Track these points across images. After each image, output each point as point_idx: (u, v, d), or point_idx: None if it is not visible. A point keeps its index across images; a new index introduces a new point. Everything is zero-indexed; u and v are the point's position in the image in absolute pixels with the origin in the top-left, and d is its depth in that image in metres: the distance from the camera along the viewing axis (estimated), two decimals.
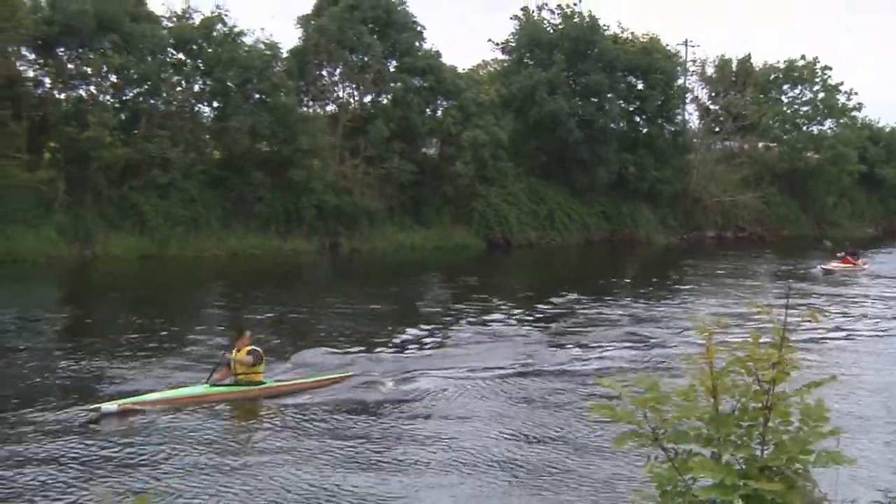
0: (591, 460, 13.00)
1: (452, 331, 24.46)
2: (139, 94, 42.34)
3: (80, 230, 39.69)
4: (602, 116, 52.67)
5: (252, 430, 15.34)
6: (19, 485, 12.15)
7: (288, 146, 43.74)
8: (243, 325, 18.58)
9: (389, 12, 48.49)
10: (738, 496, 2.79)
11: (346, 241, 45.64)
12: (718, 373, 2.97)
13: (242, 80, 43.38)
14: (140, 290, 34.30)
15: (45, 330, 25.43)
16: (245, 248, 42.51)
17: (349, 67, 47.96)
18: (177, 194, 42.03)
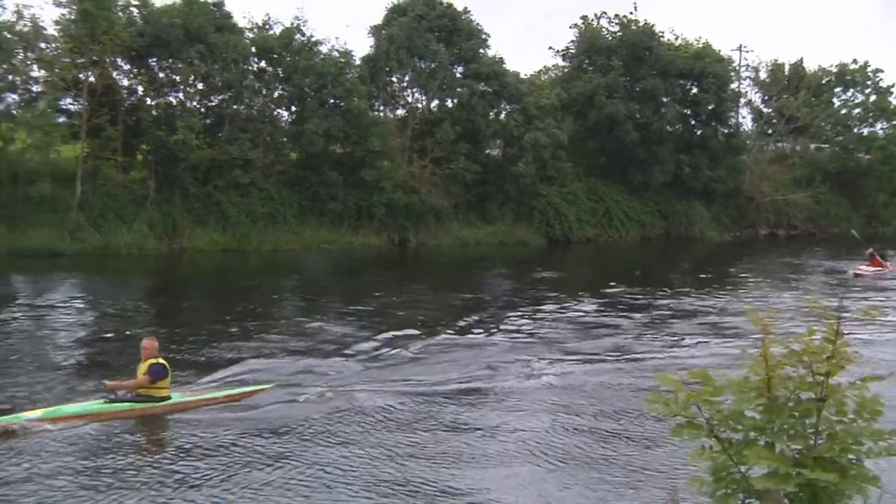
0: (648, 449, 12.81)
1: (514, 322, 24.19)
2: (223, 100, 43.08)
3: (168, 225, 40.46)
4: (658, 119, 52.30)
5: (149, 451, 13.26)
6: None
7: (360, 147, 43.99)
8: (152, 336, 15.85)
9: (455, 21, 48.55)
10: (792, 484, 2.75)
11: (413, 237, 45.83)
12: (773, 365, 2.91)
13: (318, 86, 43.71)
14: (222, 282, 34.81)
15: (137, 317, 25.92)
16: (319, 243, 42.87)
17: (418, 73, 48.21)
18: (257, 192, 42.66)
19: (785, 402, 2.90)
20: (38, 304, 27.73)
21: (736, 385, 2.95)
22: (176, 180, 40.79)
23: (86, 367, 19.11)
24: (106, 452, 12.47)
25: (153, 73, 42.08)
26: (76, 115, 40.57)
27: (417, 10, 47.89)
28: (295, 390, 16.30)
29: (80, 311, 26.96)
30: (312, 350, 20.18)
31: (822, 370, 2.86)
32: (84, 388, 16.16)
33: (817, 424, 2.85)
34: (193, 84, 42.41)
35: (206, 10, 42.12)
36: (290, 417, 14.73)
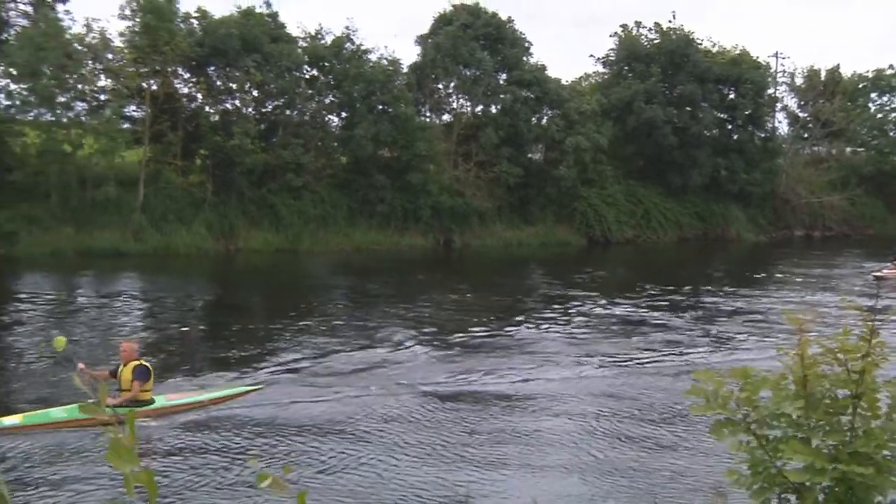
0: (690, 445, 12.79)
1: (557, 321, 24.23)
2: (277, 106, 43.53)
3: (225, 227, 40.93)
4: (695, 123, 52.08)
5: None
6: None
7: (407, 152, 44.34)
8: (131, 339, 15.24)
9: (499, 30, 48.73)
10: (828, 478, 2.71)
11: (458, 238, 46.07)
12: (809, 363, 2.88)
13: (367, 92, 43.94)
14: (276, 281, 35.27)
15: (196, 313, 26.77)
16: (367, 243, 43.16)
17: (462, 80, 48.42)
18: (308, 195, 43.07)
19: (821, 399, 2.86)
20: (104, 301, 28.37)
21: (773, 383, 2.91)
22: (232, 183, 41.26)
23: (147, 359, 19.72)
24: (84, 459, 11.79)
25: (211, 81, 42.56)
26: (139, 122, 41.08)
27: (463, 19, 48.18)
28: (318, 390, 16.11)
29: (142, 307, 27.53)
30: (357, 346, 20.28)
31: (858, 368, 2.82)
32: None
33: (853, 421, 2.81)
34: (249, 91, 42.80)
35: (262, 21, 42.72)
36: (309, 415, 14.62)
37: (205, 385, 16.08)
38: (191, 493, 10.85)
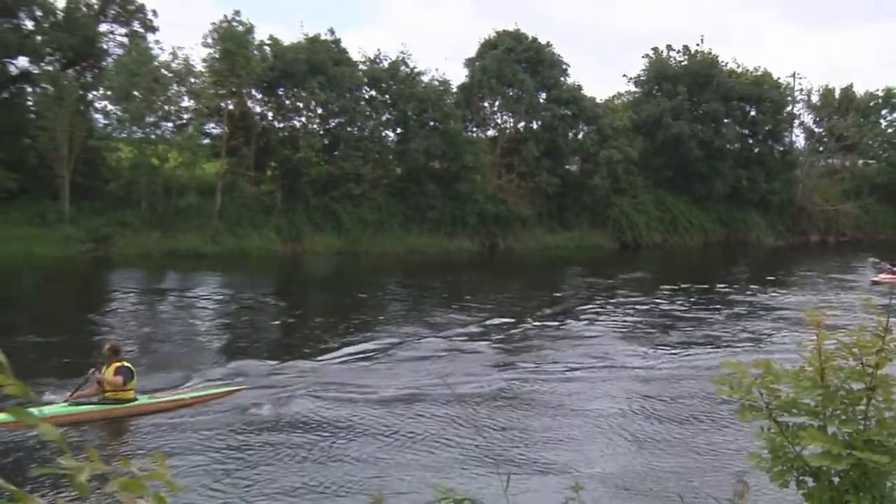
0: (716, 435, 12.69)
1: (594, 317, 24.09)
2: (339, 123, 43.64)
3: (292, 231, 41.23)
4: (719, 138, 51.76)
5: (114, 454, 11.45)
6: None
7: (455, 164, 44.49)
8: (115, 343, 14.19)
9: (539, 53, 48.68)
10: (844, 464, 2.66)
11: (502, 241, 46.04)
12: (827, 357, 2.84)
13: (420, 110, 44.27)
14: (337, 279, 35.48)
15: (267, 308, 27.09)
16: (419, 246, 43.33)
17: (506, 99, 48.39)
18: (367, 202, 43.31)
19: (837, 391, 2.82)
20: (185, 296, 28.78)
21: (793, 374, 2.88)
22: (299, 192, 41.59)
23: (224, 348, 19.79)
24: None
25: (281, 100, 42.97)
26: (217, 138, 41.69)
27: (507, 44, 48.24)
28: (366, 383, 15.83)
29: (219, 302, 27.88)
30: (413, 338, 20.24)
31: (872, 362, 2.78)
32: (220, 370, 16.66)
33: (867, 411, 2.77)
34: (314, 110, 43.16)
35: (327, 47, 43.09)
36: (371, 398, 14.57)
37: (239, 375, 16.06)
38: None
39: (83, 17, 40.82)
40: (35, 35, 39.99)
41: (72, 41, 39.94)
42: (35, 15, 40.27)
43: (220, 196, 40.42)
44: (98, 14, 41.82)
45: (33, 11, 40.23)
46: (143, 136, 39.92)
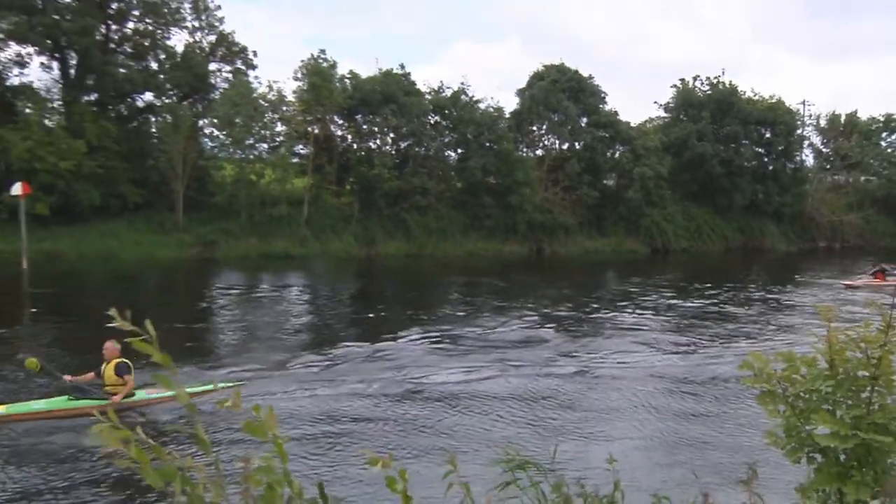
0: (732, 425, 12.32)
1: (628, 310, 23.79)
2: (408, 144, 43.78)
3: (367, 237, 41.53)
4: (738, 157, 50.95)
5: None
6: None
7: (508, 179, 44.33)
8: (113, 339, 12.62)
9: (581, 83, 48.25)
10: (850, 443, 2.64)
11: (547, 246, 45.72)
12: (836, 349, 2.80)
13: (477, 133, 44.17)
14: (408, 278, 35.55)
15: (347, 302, 27.19)
16: (476, 250, 43.26)
17: (552, 123, 48.04)
18: (432, 212, 43.39)
19: (845, 379, 2.78)
20: (278, 291, 29.33)
21: (808, 363, 2.86)
22: (373, 203, 41.83)
23: (311, 334, 20.01)
24: (71, 448, 10.28)
25: (359, 125, 43.27)
26: (305, 157, 42.11)
27: (552, 76, 47.96)
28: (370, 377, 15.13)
29: (306, 296, 28.47)
30: (473, 327, 19.94)
31: (876, 355, 2.75)
32: (310, 352, 16.65)
33: (871, 397, 2.74)
34: (387, 133, 43.34)
35: (398, 80, 43.29)
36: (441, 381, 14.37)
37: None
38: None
39: (197, 58, 41.82)
40: (158, 74, 41.09)
41: (187, 78, 40.91)
42: (159, 57, 41.41)
43: (307, 207, 40.89)
44: (208, 55, 42.80)
45: (158, 55, 41.39)
46: (243, 157, 40.75)
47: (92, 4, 38.84)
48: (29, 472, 9.76)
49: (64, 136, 36.54)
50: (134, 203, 38.44)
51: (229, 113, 39.02)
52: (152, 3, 40.42)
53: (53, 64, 39.67)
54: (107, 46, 40.17)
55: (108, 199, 37.58)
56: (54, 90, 39.69)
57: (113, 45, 40.67)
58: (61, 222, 35.82)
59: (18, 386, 13.51)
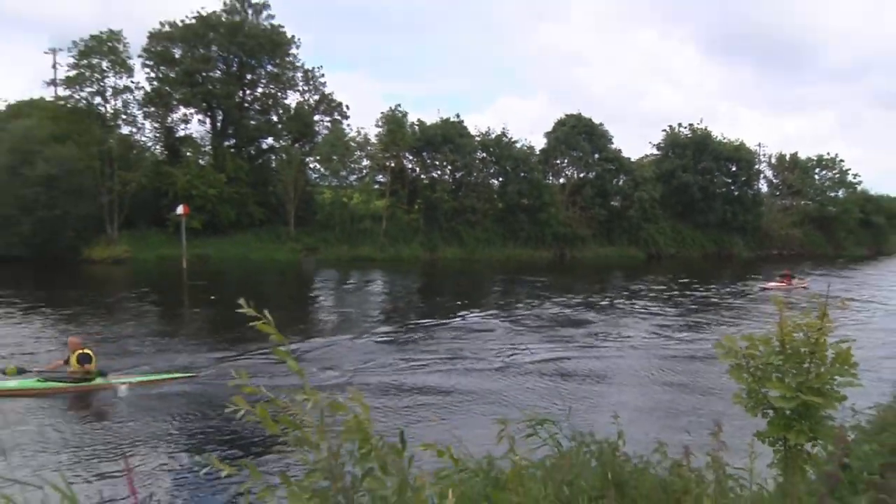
0: (704, 395, 12.22)
1: (631, 300, 23.32)
2: (462, 174, 43.60)
3: (430, 245, 41.47)
4: (712, 185, 50.56)
5: (85, 420, 9.99)
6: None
7: (538, 201, 43.87)
8: (76, 335, 12.37)
9: (593, 128, 47.46)
10: (794, 403, 2.68)
11: (568, 252, 45.10)
12: (787, 331, 2.82)
13: (514, 165, 43.91)
14: (462, 277, 35.49)
15: (417, 294, 27.35)
16: (513, 255, 42.82)
17: (571, 158, 47.44)
18: (479, 226, 43.13)
19: (791, 354, 2.81)
20: (364, 285, 29.58)
21: (764, 342, 2.87)
22: (435, 219, 41.81)
23: (388, 316, 19.93)
24: (48, 420, 9.70)
25: (424, 160, 43.26)
26: (384, 184, 42.21)
27: (572, 122, 47.33)
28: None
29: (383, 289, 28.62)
30: (508, 315, 19.62)
31: (814, 336, 2.78)
32: (385, 328, 16.55)
33: (809, 368, 2.78)
34: (445, 166, 43.23)
35: (454, 126, 43.13)
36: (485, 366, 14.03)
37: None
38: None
39: (305, 112, 42.55)
40: (277, 124, 41.98)
41: (298, 127, 41.70)
42: (278, 112, 42.35)
43: (385, 222, 41.01)
44: (314, 109, 43.49)
45: (278, 110, 42.34)
46: (338, 184, 41.16)
47: (233, 77, 40.17)
48: (175, 423, 9.60)
49: (211, 171, 37.69)
50: (259, 219, 39.27)
51: (328, 152, 39.59)
52: (275, 74, 41.40)
53: (206, 120, 41.10)
54: (242, 105, 41.31)
55: (241, 217, 38.47)
56: (206, 138, 41.08)
57: (246, 104, 41.76)
58: (209, 234, 36.83)
59: (175, 355, 13.65)
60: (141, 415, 10.06)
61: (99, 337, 15.44)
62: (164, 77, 38.63)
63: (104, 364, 11.92)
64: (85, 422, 9.94)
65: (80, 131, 35.17)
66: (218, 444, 8.81)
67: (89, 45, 35.74)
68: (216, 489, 7.26)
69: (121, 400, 10.65)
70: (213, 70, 39.48)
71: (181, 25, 38.98)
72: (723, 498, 2.64)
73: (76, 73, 35.91)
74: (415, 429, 9.10)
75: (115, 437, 9.06)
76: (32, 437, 8.93)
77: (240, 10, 40.47)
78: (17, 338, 15.47)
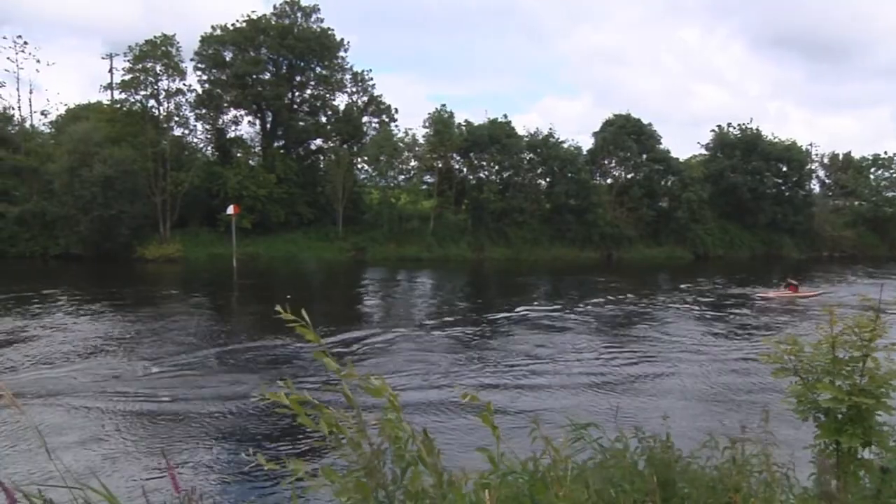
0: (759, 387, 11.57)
1: (679, 300, 22.34)
2: (509, 175, 42.73)
3: (477, 244, 40.69)
4: (762, 186, 47.90)
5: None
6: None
7: (585, 201, 42.64)
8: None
9: (641, 128, 45.87)
10: (846, 405, 2.65)
11: (615, 253, 43.66)
12: (837, 334, 2.76)
13: (562, 165, 42.81)
14: (509, 276, 34.64)
15: (463, 294, 26.71)
16: (561, 255, 41.72)
17: (619, 158, 46.01)
18: (526, 226, 42.14)
19: (842, 358, 2.76)
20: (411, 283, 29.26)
21: (813, 345, 2.82)
22: (482, 219, 41.09)
23: (434, 312, 19.44)
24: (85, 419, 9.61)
25: (471, 160, 42.67)
26: (431, 185, 41.89)
27: (619, 122, 45.96)
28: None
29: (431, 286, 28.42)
30: (555, 312, 19.05)
31: (867, 338, 2.71)
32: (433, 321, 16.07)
33: (861, 370, 2.72)
34: (492, 167, 42.49)
35: (502, 126, 42.42)
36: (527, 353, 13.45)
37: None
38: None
39: (354, 114, 42.42)
40: (326, 126, 41.76)
41: (347, 128, 41.44)
42: (327, 114, 42.06)
43: (433, 221, 40.68)
44: (362, 111, 43.29)
45: (326, 112, 42.15)
46: (385, 185, 41.12)
47: (283, 79, 40.03)
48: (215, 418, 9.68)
49: (262, 171, 37.56)
50: (307, 219, 39.27)
51: (376, 153, 39.47)
52: (323, 76, 41.21)
53: (256, 121, 40.92)
54: (292, 107, 41.36)
55: (290, 216, 38.64)
56: (256, 139, 41.07)
57: (296, 106, 41.85)
58: (259, 233, 36.99)
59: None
60: (179, 412, 10.15)
61: (152, 331, 15.16)
62: (215, 80, 38.92)
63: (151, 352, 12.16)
64: (124, 420, 9.98)
65: (134, 133, 35.64)
66: (255, 439, 8.94)
67: (144, 49, 35.98)
68: (256, 484, 7.40)
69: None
70: (262, 72, 39.52)
71: (232, 29, 39.11)
72: (771, 498, 2.51)
73: (131, 76, 36.01)
74: (457, 434, 8.87)
75: (154, 435, 9.16)
76: (73, 436, 8.95)
77: (290, 13, 40.33)
78: (66, 329, 15.17)
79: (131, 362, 12.98)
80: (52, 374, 11.91)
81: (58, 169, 33.23)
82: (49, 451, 1.98)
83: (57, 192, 33.12)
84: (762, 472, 2.60)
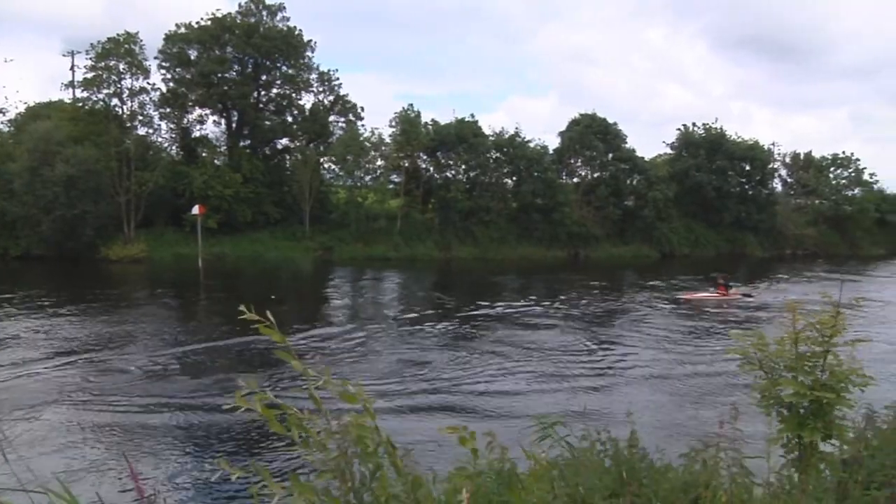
0: (720, 388, 11.99)
1: (644, 300, 22.92)
2: (475, 174, 43.10)
3: (444, 243, 41.09)
4: (726, 184, 49.35)
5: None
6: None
7: (552, 200, 43.26)
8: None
9: (607, 128, 46.78)
10: (807, 400, 2.73)
11: (582, 251, 44.51)
12: (799, 331, 2.84)
13: (528, 165, 43.33)
14: (475, 276, 35.08)
15: (426, 290, 26.98)
16: (528, 255, 42.27)
17: (585, 158, 46.83)
18: (493, 225, 42.60)
19: (804, 354, 2.85)
20: (377, 283, 29.46)
21: (777, 341, 2.92)
22: (449, 219, 41.46)
23: (401, 312, 19.48)
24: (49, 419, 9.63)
25: (439, 160, 42.97)
26: (398, 184, 42.10)
27: (585, 122, 46.68)
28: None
29: (397, 286, 28.42)
30: (521, 312, 19.41)
31: (828, 335, 2.82)
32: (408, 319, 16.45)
33: (823, 366, 2.81)
34: (460, 166, 42.89)
35: (468, 126, 42.80)
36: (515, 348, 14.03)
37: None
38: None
39: (320, 113, 42.52)
40: (293, 125, 41.92)
41: (313, 128, 41.65)
42: (293, 113, 42.25)
43: (400, 221, 40.90)
44: (328, 110, 43.45)
45: (293, 111, 42.26)
46: (352, 184, 41.21)
47: (249, 78, 40.15)
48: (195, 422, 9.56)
49: (227, 171, 37.70)
50: (274, 218, 39.34)
51: (343, 152, 39.61)
52: (290, 76, 41.35)
53: (222, 120, 41.06)
54: (258, 106, 41.36)
55: (257, 216, 38.61)
56: (222, 139, 41.11)
57: (262, 105, 41.81)
58: (224, 232, 36.96)
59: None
60: (144, 415, 10.01)
61: (114, 332, 15.36)
62: (179, 78, 38.74)
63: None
64: (85, 421, 9.85)
65: (97, 132, 35.45)
66: (220, 442, 8.82)
67: (106, 47, 35.85)
68: (221, 487, 7.26)
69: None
70: (228, 71, 39.52)
71: (196, 27, 39.05)
72: (738, 492, 2.60)
73: (94, 74, 35.96)
74: (425, 429, 8.99)
75: (117, 438, 9.00)
76: (32, 437, 8.84)
77: (255, 11, 40.40)
78: (30, 332, 15.37)
79: (94, 365, 12.83)
80: (9, 379, 11.63)
81: (18, 168, 32.75)
82: (5, 455, 2.00)
83: (17, 191, 32.87)
84: (731, 468, 2.63)
